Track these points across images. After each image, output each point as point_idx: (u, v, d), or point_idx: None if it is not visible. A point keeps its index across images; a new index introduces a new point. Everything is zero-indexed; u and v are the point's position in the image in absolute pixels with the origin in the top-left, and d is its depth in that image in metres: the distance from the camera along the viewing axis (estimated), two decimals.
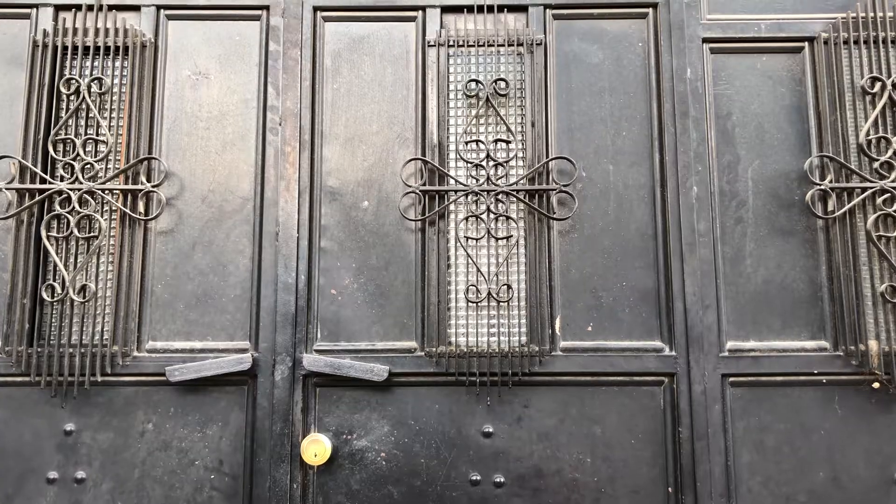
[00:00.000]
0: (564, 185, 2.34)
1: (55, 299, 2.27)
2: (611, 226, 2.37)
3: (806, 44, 2.42)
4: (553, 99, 2.43)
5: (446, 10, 2.48)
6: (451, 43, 2.44)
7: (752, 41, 2.42)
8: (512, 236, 2.35)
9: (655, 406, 2.28)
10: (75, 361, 2.26)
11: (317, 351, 2.31)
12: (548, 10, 2.47)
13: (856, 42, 2.38)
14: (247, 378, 2.29)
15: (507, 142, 2.39)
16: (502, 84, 2.40)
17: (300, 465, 2.26)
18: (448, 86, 2.44)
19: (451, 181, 2.36)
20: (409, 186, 2.36)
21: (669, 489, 2.25)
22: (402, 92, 2.44)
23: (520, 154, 2.39)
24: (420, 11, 2.48)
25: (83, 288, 2.30)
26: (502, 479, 2.27)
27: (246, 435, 2.27)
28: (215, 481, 2.26)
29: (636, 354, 2.30)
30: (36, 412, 2.28)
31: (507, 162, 2.37)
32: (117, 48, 2.40)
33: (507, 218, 2.35)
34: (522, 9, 2.48)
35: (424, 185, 2.36)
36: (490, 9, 2.46)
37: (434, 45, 2.44)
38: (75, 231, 2.30)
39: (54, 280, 2.32)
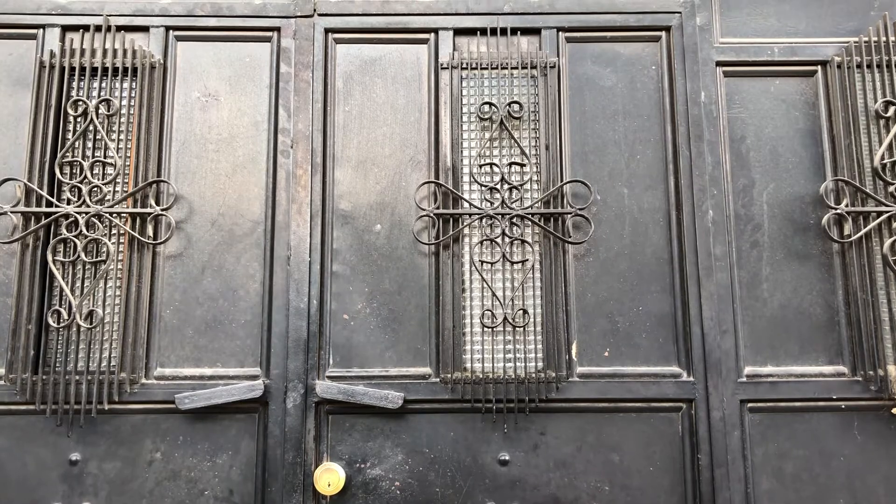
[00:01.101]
0: (580, 209, 2.32)
1: (61, 325, 2.22)
2: (626, 249, 2.34)
3: (819, 67, 2.42)
4: (567, 122, 2.41)
5: (459, 32, 2.47)
6: (464, 65, 2.42)
7: (765, 65, 2.42)
8: (527, 260, 2.32)
9: (674, 433, 2.25)
10: (81, 389, 2.21)
11: (329, 377, 2.27)
12: (561, 32, 2.46)
13: (869, 66, 2.38)
14: (258, 405, 2.24)
15: (522, 165, 2.36)
16: (516, 107, 2.38)
17: (313, 494, 2.21)
18: (461, 108, 2.42)
19: (466, 204, 2.34)
20: (423, 210, 2.33)
21: None
22: (414, 115, 2.42)
23: (534, 177, 2.37)
24: (432, 34, 2.46)
25: (90, 313, 2.25)
26: None
27: (257, 464, 2.22)
28: None
29: (654, 380, 2.27)
30: (40, 441, 2.22)
31: (521, 185, 2.35)
32: (125, 69, 2.37)
33: (523, 241, 2.32)
34: (535, 31, 2.47)
35: (438, 208, 2.33)
36: (503, 31, 2.45)
37: (447, 68, 2.42)
38: (82, 255, 2.25)
39: (60, 305, 2.27)
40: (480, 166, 2.37)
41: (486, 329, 2.30)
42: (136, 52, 2.37)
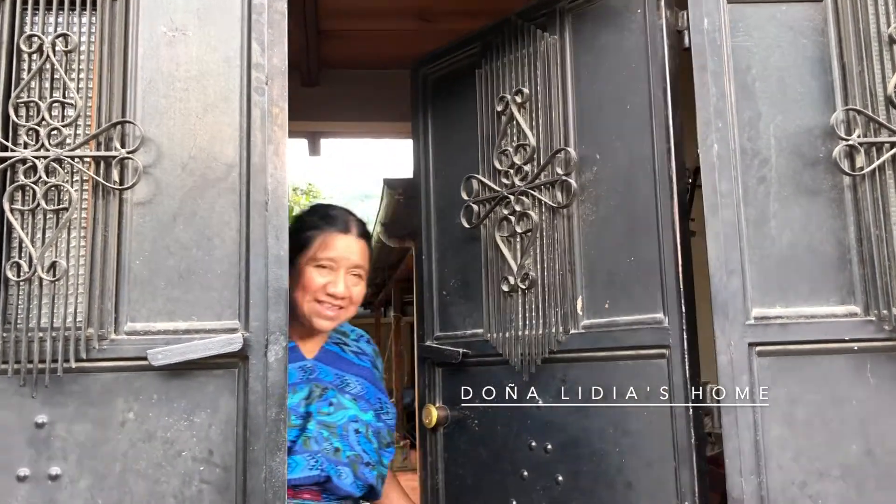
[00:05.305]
0: (565, 174, 2.25)
1: (21, 278, 2.05)
2: (621, 199, 2.27)
3: None
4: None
5: None
6: None
7: None
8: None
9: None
10: (46, 346, 2.04)
11: None
12: None
13: None
14: (237, 360, 2.10)
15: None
16: None
17: None
18: None
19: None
20: None
21: None
22: None
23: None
24: None
25: (53, 265, 2.08)
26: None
27: (238, 422, 2.08)
28: (205, 473, 2.07)
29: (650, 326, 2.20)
30: (3, 403, 2.05)
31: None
32: (84, 2, 2.18)
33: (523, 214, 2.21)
34: None
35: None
36: None
37: None
38: (42, 203, 2.08)
39: (20, 257, 2.09)
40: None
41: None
42: None
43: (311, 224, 2.58)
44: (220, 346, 2.06)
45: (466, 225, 2.74)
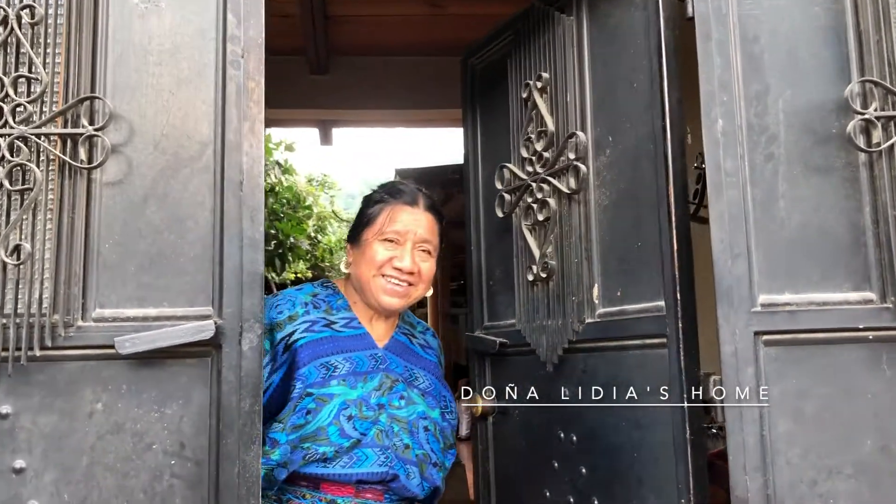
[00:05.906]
0: (576, 159, 2.12)
1: None
2: (629, 181, 2.12)
3: None
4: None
5: None
6: None
7: None
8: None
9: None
10: (9, 334, 1.94)
11: None
12: None
13: None
14: (210, 348, 1.99)
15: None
16: None
17: None
18: None
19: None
20: None
21: None
22: None
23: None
24: None
25: (17, 248, 1.98)
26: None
27: (211, 414, 1.98)
28: (176, 467, 1.96)
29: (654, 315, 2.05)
30: None
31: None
32: None
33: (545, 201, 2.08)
34: None
35: None
36: None
37: None
38: (6, 183, 1.98)
39: None
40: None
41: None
42: None
43: (378, 198, 2.47)
44: (192, 334, 1.95)
45: (500, 214, 2.71)
